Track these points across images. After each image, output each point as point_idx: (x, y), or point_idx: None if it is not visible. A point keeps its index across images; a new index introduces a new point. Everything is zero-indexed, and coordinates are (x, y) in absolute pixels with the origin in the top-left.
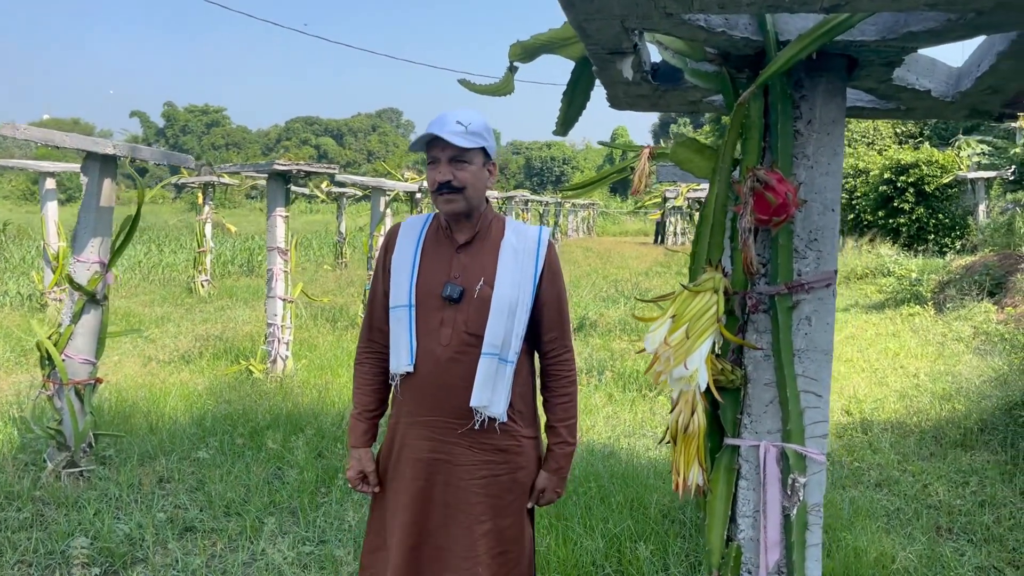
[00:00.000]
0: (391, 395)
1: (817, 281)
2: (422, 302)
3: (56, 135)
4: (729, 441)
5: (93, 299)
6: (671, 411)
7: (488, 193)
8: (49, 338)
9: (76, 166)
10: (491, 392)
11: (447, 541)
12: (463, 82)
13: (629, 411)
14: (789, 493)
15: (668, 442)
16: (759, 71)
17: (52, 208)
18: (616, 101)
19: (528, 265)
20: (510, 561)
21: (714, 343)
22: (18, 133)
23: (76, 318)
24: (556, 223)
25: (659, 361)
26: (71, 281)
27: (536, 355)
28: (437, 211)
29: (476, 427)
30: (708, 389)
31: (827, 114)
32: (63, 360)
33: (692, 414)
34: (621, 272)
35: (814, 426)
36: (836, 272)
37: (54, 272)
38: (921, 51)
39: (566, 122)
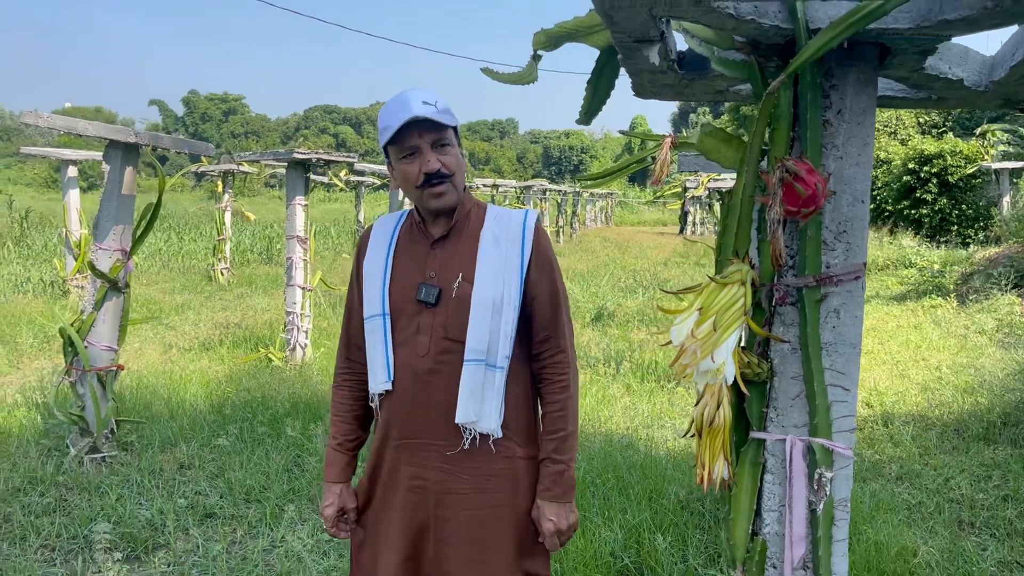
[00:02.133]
0: (373, 415)
1: (846, 274)
2: (397, 309)
3: (79, 123)
4: (755, 435)
5: (115, 286)
6: (696, 404)
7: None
8: (72, 325)
9: (98, 154)
10: (479, 404)
11: None
12: (486, 71)
13: (647, 402)
14: (816, 488)
15: (693, 435)
16: (788, 60)
17: (74, 196)
18: (641, 90)
19: (513, 255)
20: None
21: (741, 336)
22: (41, 121)
23: (98, 305)
24: (574, 212)
25: (685, 354)
26: (93, 268)
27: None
28: (413, 208)
29: (466, 447)
30: (735, 382)
31: (858, 104)
32: (85, 347)
33: (718, 407)
34: (639, 262)
35: (841, 420)
36: (865, 265)
37: (76, 259)
38: (954, 40)
39: (590, 111)
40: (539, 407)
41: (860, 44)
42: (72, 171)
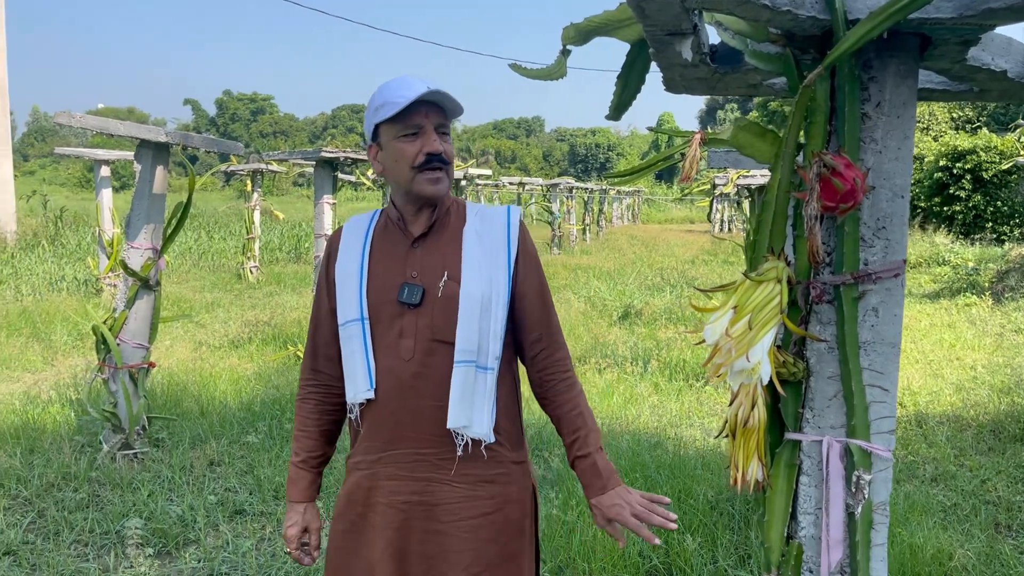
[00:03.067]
0: (350, 428)
1: (885, 271)
2: (376, 312)
3: (111, 123)
4: (790, 436)
5: (146, 284)
6: (729, 404)
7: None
8: (104, 323)
9: (130, 154)
10: (471, 408)
11: None
12: (514, 66)
13: (675, 401)
14: (853, 491)
15: (726, 436)
16: (825, 52)
17: (107, 195)
18: (672, 84)
19: (499, 253)
20: None
21: (776, 335)
22: (74, 121)
23: (130, 303)
24: (601, 210)
25: (719, 353)
26: (125, 267)
27: (519, 362)
28: (384, 208)
29: (460, 453)
30: (770, 382)
31: (898, 96)
32: (118, 344)
33: (752, 408)
34: (667, 260)
35: (880, 421)
36: (905, 262)
37: (108, 258)
38: (997, 30)
39: (620, 106)
40: (522, 411)
41: (900, 35)
42: (105, 171)
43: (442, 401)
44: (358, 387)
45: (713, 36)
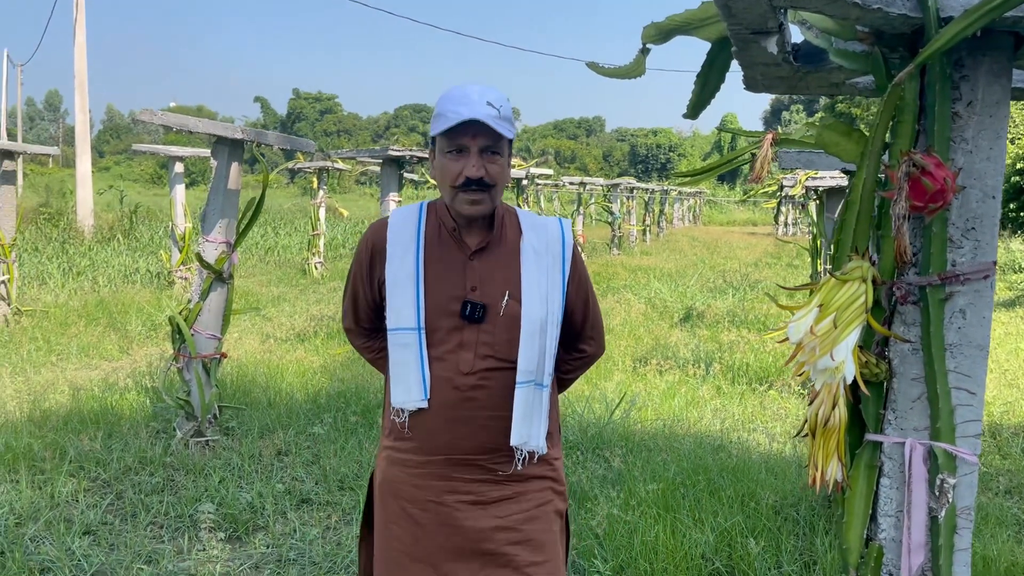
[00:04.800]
0: (385, 418)
1: (974, 272)
2: (433, 323)
3: (190, 120)
4: (871, 437)
5: (220, 277)
6: (810, 404)
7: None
8: (180, 313)
9: (202, 151)
10: (530, 425)
11: None
12: (591, 65)
13: (738, 405)
14: (937, 494)
15: (805, 435)
16: (914, 50)
17: (180, 191)
18: (753, 83)
19: (554, 272)
20: None
21: (860, 335)
22: (155, 118)
23: (204, 295)
24: (661, 211)
25: (803, 351)
26: (200, 260)
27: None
28: (432, 202)
29: (519, 468)
30: (853, 382)
31: (990, 95)
32: (192, 335)
33: (834, 407)
34: (729, 262)
35: (966, 425)
36: (995, 263)
37: (180, 251)
38: None
39: (698, 104)
40: (559, 411)
41: (994, 33)
42: (179, 167)
43: (498, 412)
44: (411, 395)
45: (795, 35)
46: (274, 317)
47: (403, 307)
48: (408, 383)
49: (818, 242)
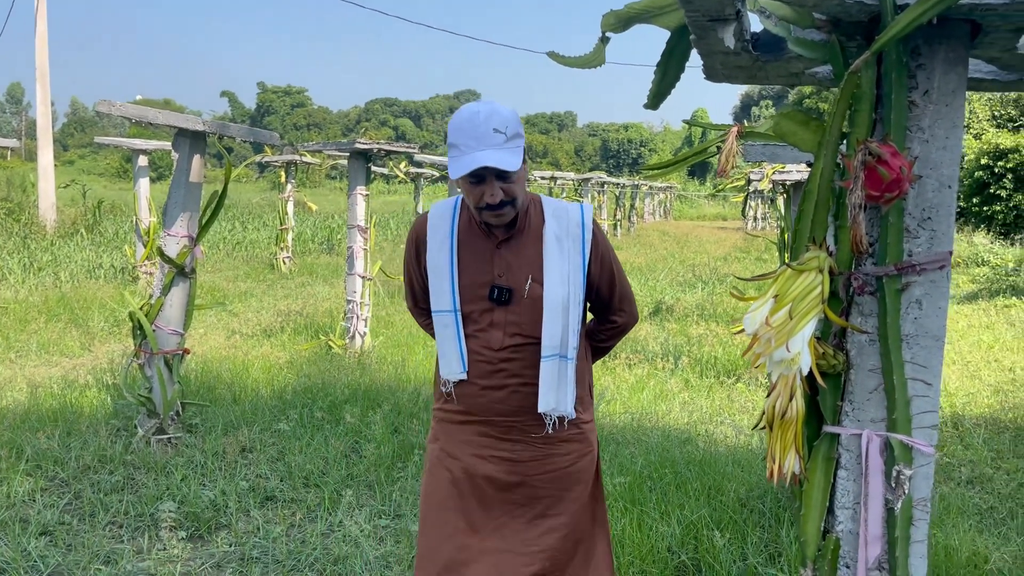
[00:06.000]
0: (439, 393)
1: (930, 262)
2: (467, 305)
3: (149, 112)
4: (828, 429)
5: (182, 272)
6: (768, 395)
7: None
8: (141, 309)
9: (168, 144)
10: (556, 393)
11: (513, 541)
12: (552, 54)
13: (706, 398)
14: (893, 486)
15: (763, 427)
16: (871, 38)
17: (144, 185)
18: (713, 73)
19: (575, 254)
20: (589, 549)
21: (817, 326)
22: (114, 110)
23: (166, 290)
24: (632, 206)
25: (759, 342)
26: (161, 254)
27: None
28: (463, 197)
29: (549, 431)
30: (810, 374)
31: (946, 84)
32: (153, 330)
33: (791, 399)
34: (699, 257)
35: (922, 416)
36: (951, 253)
37: (145, 246)
38: None
39: (659, 94)
40: (591, 377)
41: (950, 21)
42: (143, 160)
43: (528, 381)
44: (452, 368)
45: (755, 24)
46: (240, 313)
47: (441, 292)
48: (450, 358)
49: (786, 236)
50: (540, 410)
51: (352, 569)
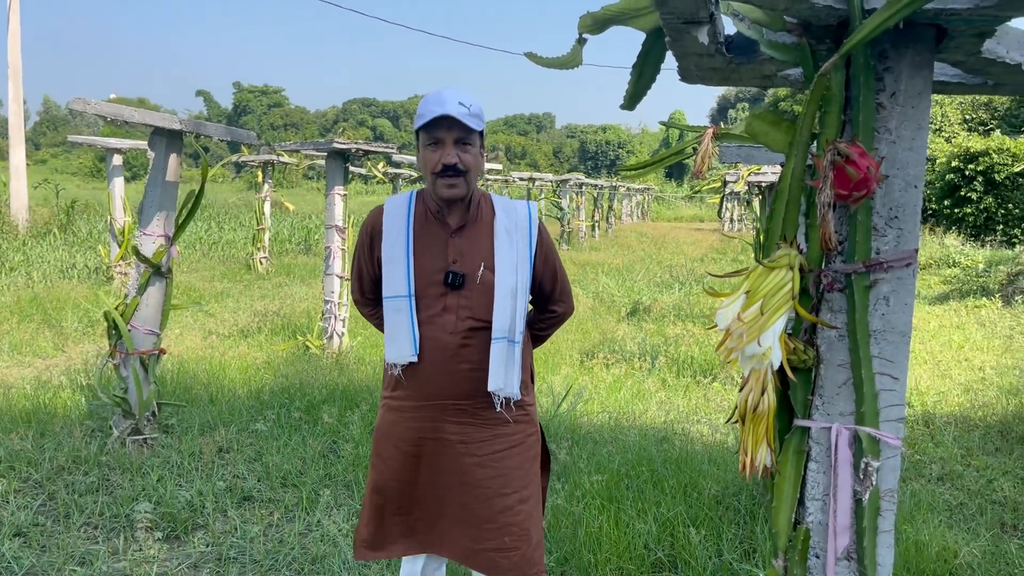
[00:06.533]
0: (386, 374)
1: (897, 260)
2: (422, 291)
3: (125, 110)
4: (799, 422)
5: (158, 271)
6: (740, 390)
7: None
8: (116, 309)
9: (142, 143)
10: (505, 374)
11: (469, 516)
12: (530, 55)
13: (683, 397)
14: (861, 477)
15: (736, 421)
16: (841, 42)
17: (119, 184)
18: (687, 74)
19: (523, 246)
20: (534, 523)
21: (788, 322)
22: (89, 108)
23: (141, 290)
24: (610, 207)
25: (731, 338)
26: (137, 253)
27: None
28: (420, 191)
29: (498, 409)
30: (781, 369)
31: (912, 87)
32: (129, 330)
33: (762, 393)
34: (676, 258)
35: (889, 409)
36: (917, 251)
37: (120, 246)
38: (1013, 23)
39: (635, 95)
40: (532, 362)
41: (916, 25)
42: (117, 160)
43: (476, 366)
44: (403, 351)
45: (728, 27)
46: (217, 313)
47: (397, 278)
48: (402, 342)
49: (761, 237)
50: (490, 388)
51: (330, 568)
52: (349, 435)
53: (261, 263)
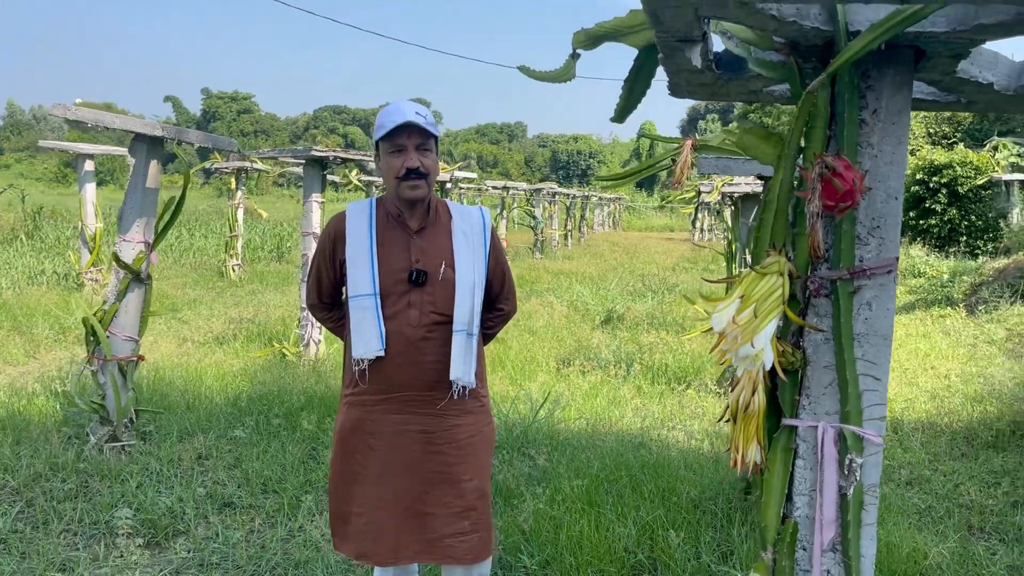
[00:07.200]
0: (346, 371)
1: (879, 267)
2: (386, 289)
3: (106, 116)
4: (787, 421)
5: (137, 278)
6: (731, 390)
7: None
8: (95, 315)
9: (113, 149)
10: (464, 364)
11: (434, 505)
12: (523, 69)
13: (658, 403)
14: (846, 473)
15: (727, 420)
16: (826, 61)
17: (90, 189)
18: (677, 89)
19: (478, 246)
20: (488, 508)
21: (777, 325)
22: (69, 113)
23: (121, 296)
24: (582, 216)
25: (726, 340)
26: (117, 260)
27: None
28: (379, 197)
29: (455, 397)
30: (772, 370)
31: (893, 104)
32: (108, 337)
33: (753, 393)
34: (648, 267)
35: (872, 408)
36: (897, 259)
37: (91, 252)
38: (985, 45)
39: (625, 109)
40: (484, 357)
41: (897, 47)
42: (89, 165)
43: (438, 358)
44: (370, 346)
45: (717, 44)
46: (190, 320)
47: (362, 278)
48: (368, 337)
49: (733, 247)
50: (451, 377)
51: (313, 573)
52: (329, 442)
53: (234, 270)
